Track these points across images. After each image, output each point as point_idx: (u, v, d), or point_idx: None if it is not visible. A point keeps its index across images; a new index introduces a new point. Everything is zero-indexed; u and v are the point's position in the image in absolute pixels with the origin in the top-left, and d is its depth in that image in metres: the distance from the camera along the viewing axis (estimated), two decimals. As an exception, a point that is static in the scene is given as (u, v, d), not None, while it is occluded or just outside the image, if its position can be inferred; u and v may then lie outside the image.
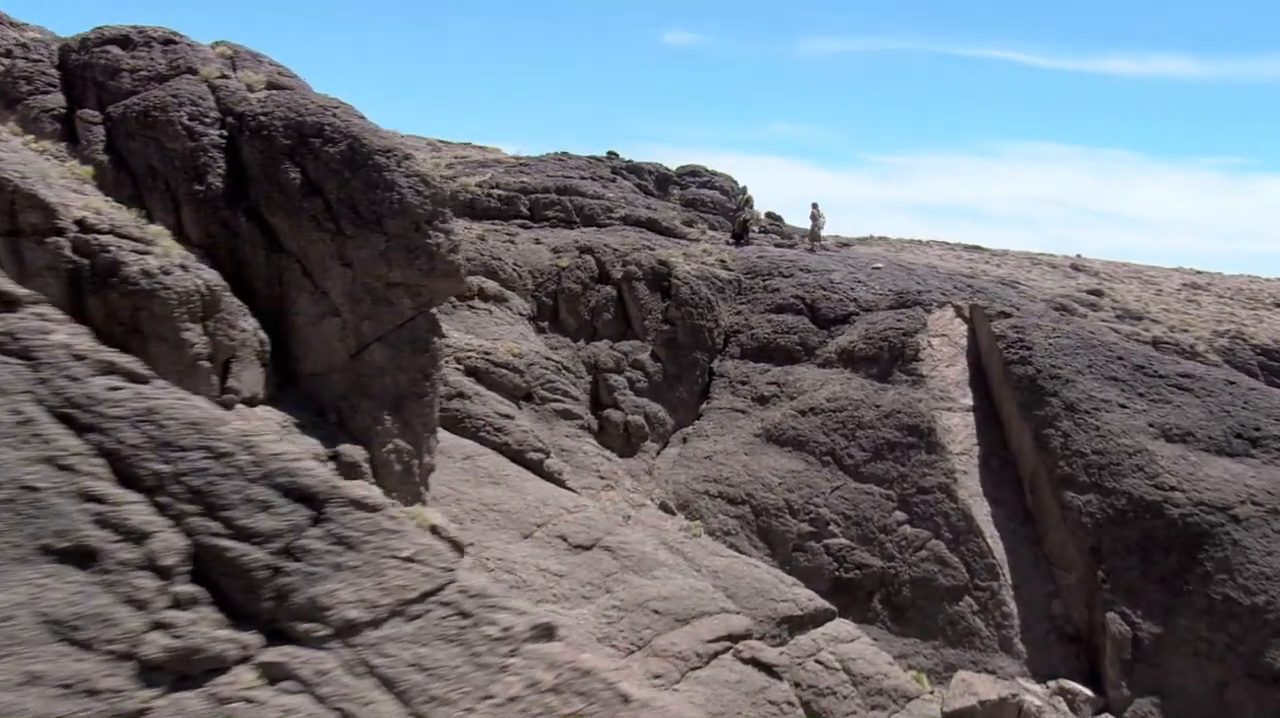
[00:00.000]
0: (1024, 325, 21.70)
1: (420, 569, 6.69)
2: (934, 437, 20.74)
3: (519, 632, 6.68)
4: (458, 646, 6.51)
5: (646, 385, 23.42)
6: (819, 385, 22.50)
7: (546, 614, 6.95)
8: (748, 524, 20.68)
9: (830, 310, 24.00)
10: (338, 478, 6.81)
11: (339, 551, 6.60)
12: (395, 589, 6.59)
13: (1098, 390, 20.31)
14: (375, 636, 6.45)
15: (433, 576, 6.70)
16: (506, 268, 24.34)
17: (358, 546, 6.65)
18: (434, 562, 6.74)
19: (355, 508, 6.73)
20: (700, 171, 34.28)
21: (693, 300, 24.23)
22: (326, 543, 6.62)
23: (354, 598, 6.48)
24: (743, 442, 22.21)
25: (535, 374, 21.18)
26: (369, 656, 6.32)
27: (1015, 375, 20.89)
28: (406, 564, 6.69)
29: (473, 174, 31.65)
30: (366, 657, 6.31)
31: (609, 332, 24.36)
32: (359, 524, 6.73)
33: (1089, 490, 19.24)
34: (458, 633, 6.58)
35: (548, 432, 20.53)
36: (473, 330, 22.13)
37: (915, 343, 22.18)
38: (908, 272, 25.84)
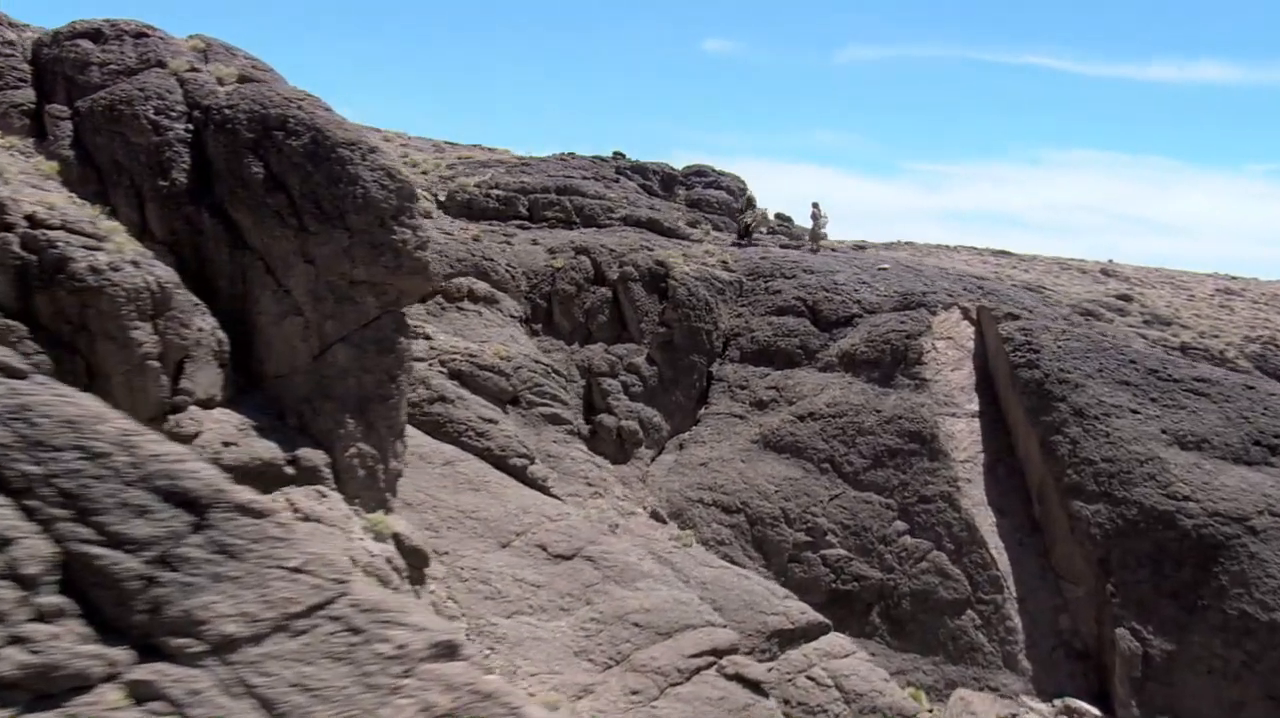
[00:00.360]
0: (1032, 328, 21.02)
1: (308, 581, 6.23)
2: (936, 443, 20.10)
3: (415, 650, 6.20)
4: (346, 664, 6.04)
5: (641, 390, 22.92)
6: (819, 390, 21.91)
7: (449, 631, 6.47)
8: (742, 534, 20.12)
9: (832, 312, 23.40)
10: (226, 481, 6.36)
11: (220, 560, 6.15)
12: (279, 602, 6.13)
13: (1108, 395, 19.59)
14: (255, 653, 5.98)
15: (322, 588, 6.24)
16: (499, 269, 23.94)
17: (241, 554, 6.20)
18: (324, 573, 6.28)
19: (241, 514, 6.28)
20: (706, 171, 33.73)
21: (690, 302, 23.72)
22: (207, 551, 6.17)
23: (234, 611, 6.03)
24: (739, 448, 21.66)
25: (523, 378, 20.75)
26: (247, 674, 5.86)
27: (1022, 380, 20.22)
28: (293, 575, 6.23)
29: (473, 174, 31.33)
30: (245, 676, 5.85)
31: (604, 334, 23.90)
32: (244, 531, 6.28)
33: (1098, 500, 18.52)
34: (347, 651, 6.11)
35: (534, 437, 20.08)
36: (461, 333, 21.74)
37: (918, 346, 21.54)
38: (915, 273, 25.20)
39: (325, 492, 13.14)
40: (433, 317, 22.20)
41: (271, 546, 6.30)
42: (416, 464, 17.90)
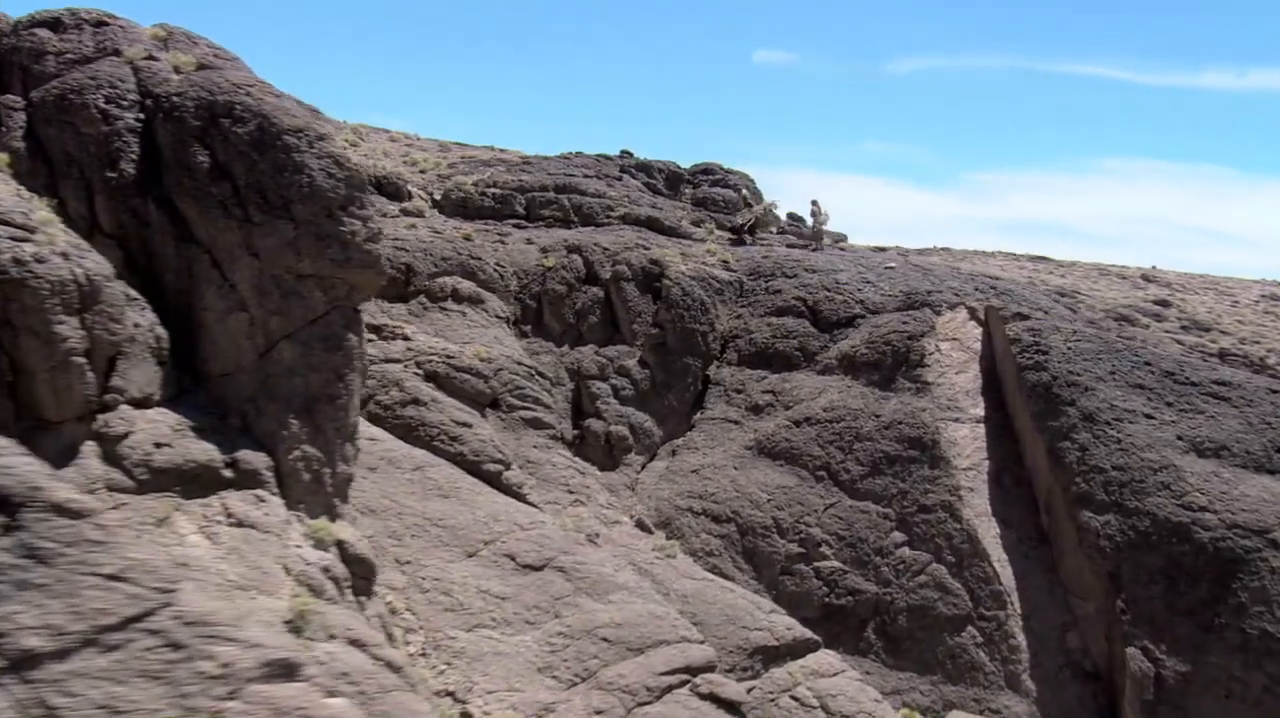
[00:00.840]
0: (1041, 328, 20.12)
1: (126, 590, 5.66)
2: (938, 450, 19.27)
3: (243, 669, 5.59)
4: (162, 684, 5.45)
5: (632, 394, 22.29)
6: (816, 394, 21.16)
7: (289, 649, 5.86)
8: (732, 545, 19.40)
9: (833, 313, 22.62)
10: (46, 478, 5.79)
11: (28, 565, 5.59)
12: (91, 613, 5.56)
13: (1121, 399, 18.66)
14: (60, 669, 5.42)
15: (141, 598, 5.66)
16: (487, 268, 23.42)
17: (51, 559, 5.63)
18: (145, 581, 5.70)
19: (55, 514, 5.71)
20: (714, 169, 33.05)
21: (684, 302, 23.05)
22: (14, 556, 5.62)
23: (38, 623, 5.46)
24: (733, 455, 20.95)
25: (503, 380, 20.18)
26: (48, 694, 5.30)
27: (1029, 382, 19.34)
28: (109, 583, 5.66)
29: (472, 173, 30.91)
30: (45, 695, 5.29)
31: (595, 336, 23.30)
32: (57, 534, 5.71)
33: (1108, 510, 17.61)
34: (164, 669, 5.52)
35: (514, 442, 19.50)
36: (442, 333, 21.24)
37: (921, 347, 20.72)
38: (923, 272, 24.35)
39: (265, 496, 12.60)
40: (415, 317, 21.74)
41: (86, 550, 5.73)
42: (385, 469, 17.40)
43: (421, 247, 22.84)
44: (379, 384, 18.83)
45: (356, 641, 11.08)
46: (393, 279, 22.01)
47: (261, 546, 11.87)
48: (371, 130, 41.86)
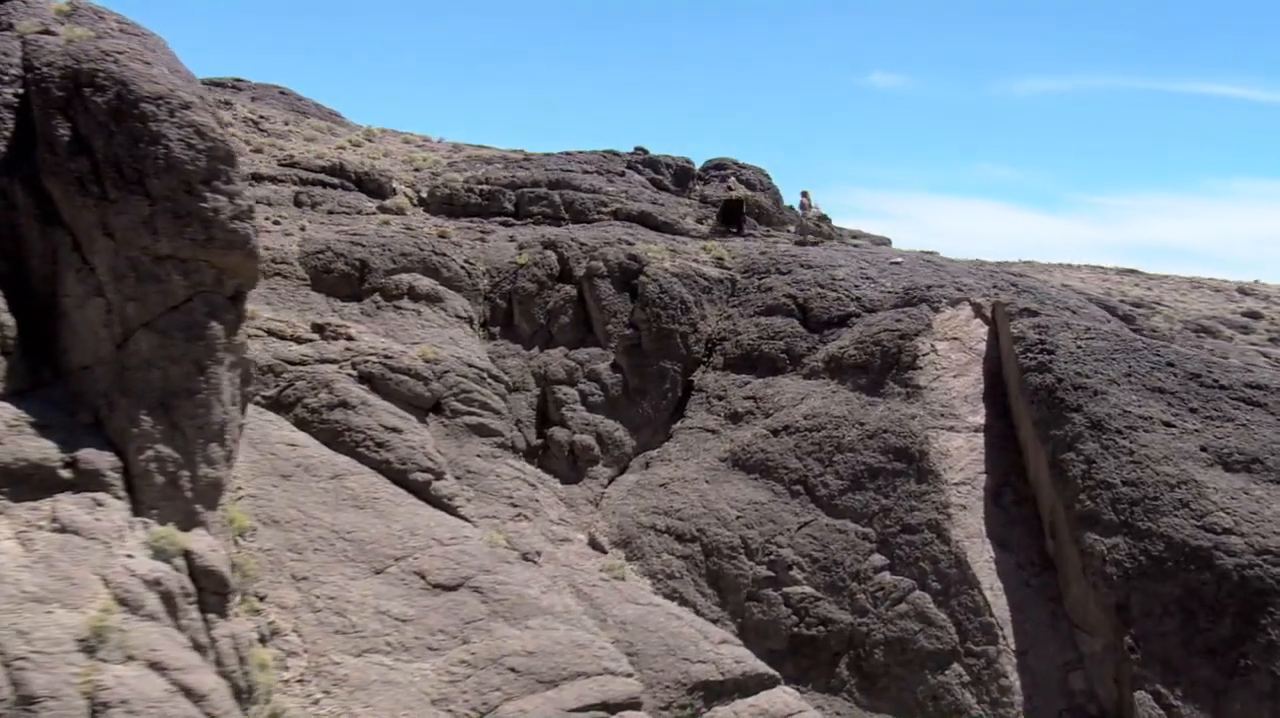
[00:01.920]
0: (1049, 324, 18.32)
1: None
2: (926, 462, 17.59)
3: None
4: None
5: (602, 400, 21.05)
6: (799, 400, 19.64)
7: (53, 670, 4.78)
8: (695, 567, 17.97)
9: (824, 311, 21.08)
10: None
11: None
12: None
13: (1136, 404, 16.78)
14: None
15: None
16: (451, 265, 22.47)
17: None
18: None
19: None
20: (727, 164, 31.71)
21: (661, 301, 21.75)
22: None
23: None
24: (705, 467, 19.55)
25: (449, 383, 19.13)
26: None
27: (1031, 385, 17.58)
28: None
29: (467, 170, 30.15)
30: None
31: (566, 337, 22.15)
32: None
33: (1116, 532, 15.75)
34: None
35: (455, 449, 18.42)
36: (393, 333, 20.32)
37: (913, 348, 19.06)
38: (934, 267, 22.64)
39: (104, 500, 11.69)
40: (367, 316, 20.89)
41: None
42: (299, 477, 16.48)
43: (379, 243, 22.02)
44: (308, 386, 17.96)
45: (158, 664, 10.07)
46: (346, 276, 21.26)
47: (80, 554, 10.96)
48: (385, 133, 41.59)
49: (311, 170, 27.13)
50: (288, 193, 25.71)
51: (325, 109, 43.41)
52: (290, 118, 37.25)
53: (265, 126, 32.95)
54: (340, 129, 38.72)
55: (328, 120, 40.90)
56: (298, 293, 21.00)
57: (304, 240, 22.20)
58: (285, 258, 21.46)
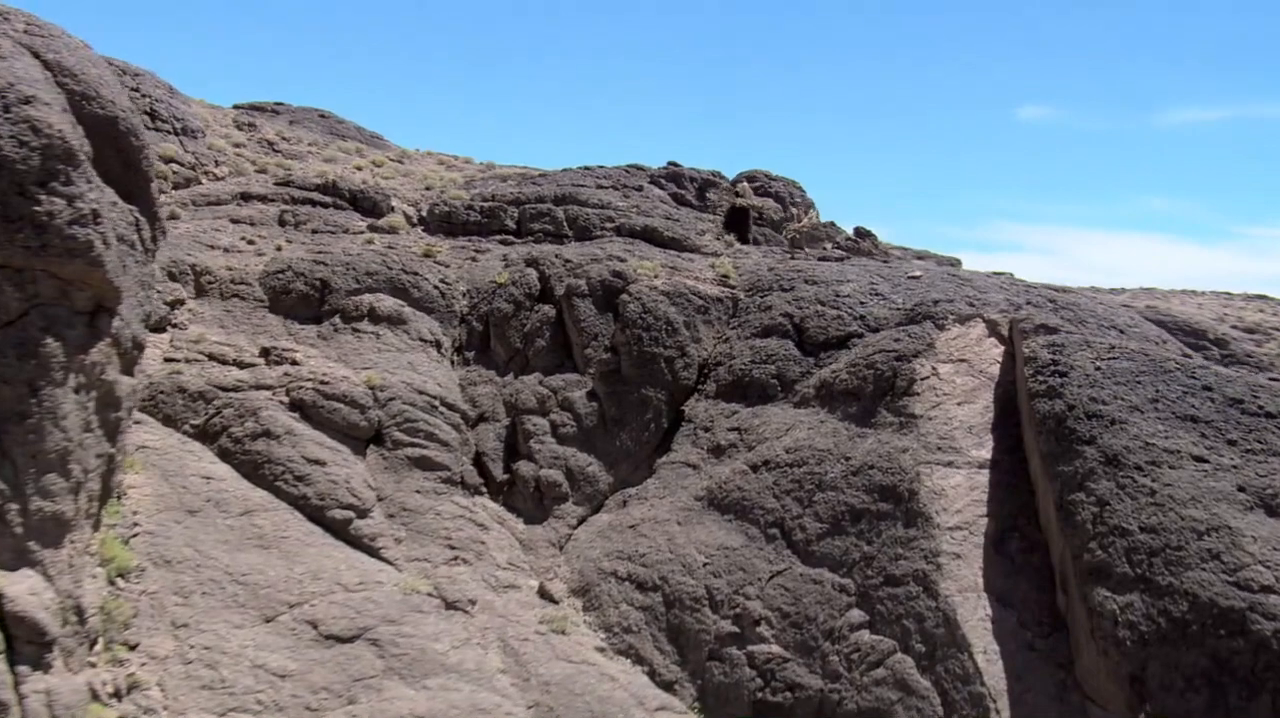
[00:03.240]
0: (1065, 343, 16.34)
1: None
2: (915, 503, 15.79)
3: None
4: None
5: (574, 432, 19.80)
6: (783, 431, 18.05)
7: None
8: (655, 619, 16.48)
9: (821, 332, 19.44)
10: None
11: None
12: None
13: (1161, 435, 14.69)
14: None
15: None
16: (423, 285, 21.62)
17: None
18: None
19: None
20: (756, 177, 30.28)
21: (643, 322, 20.42)
22: None
23: None
24: (679, 507, 18.08)
25: (392, 411, 18.16)
26: None
27: (1039, 414, 15.65)
28: None
29: (475, 188, 29.46)
30: None
31: (542, 362, 21.01)
32: None
33: (1131, 588, 13.70)
34: None
35: (392, 484, 17.40)
36: (345, 358, 19.51)
37: (910, 371, 17.28)
38: (959, 282, 20.75)
39: None
40: (323, 339, 20.15)
41: None
42: (206, 513, 15.67)
43: (344, 262, 21.32)
44: (235, 414, 17.22)
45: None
46: (305, 297, 20.61)
47: None
48: (423, 154, 41.49)
49: (305, 189, 26.78)
50: (273, 212, 25.36)
51: (367, 132, 43.65)
52: (322, 139, 37.34)
53: (283, 148, 32.96)
54: (372, 150, 38.70)
55: (366, 143, 40.99)
56: (254, 315, 20.42)
57: (271, 260, 21.68)
58: (245, 278, 20.93)
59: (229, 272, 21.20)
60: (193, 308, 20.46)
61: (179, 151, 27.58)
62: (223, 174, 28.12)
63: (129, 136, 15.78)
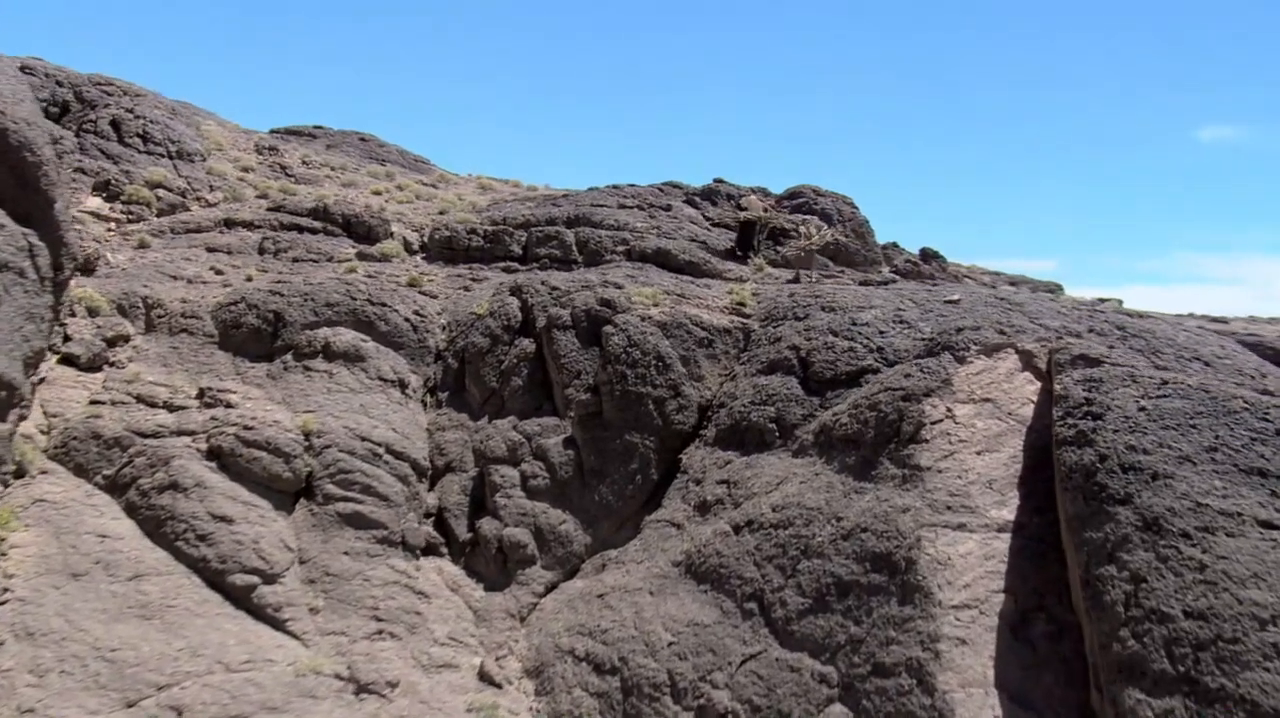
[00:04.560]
0: (1104, 378, 14.04)
1: None
2: (913, 575, 13.67)
3: None
4: None
5: (546, 484, 18.23)
6: (773, 486, 16.13)
7: None
8: (611, 708, 14.70)
9: (829, 367, 17.47)
10: None
11: None
12: None
13: (1217, 493, 12.30)
14: None
15: None
16: (392, 318, 20.43)
17: None
18: None
19: None
20: (802, 193, 28.38)
21: (628, 357, 18.76)
22: None
23: None
24: (656, 574, 16.31)
25: (326, 461, 16.88)
26: None
27: (1066, 465, 13.40)
28: None
29: (493, 210, 28.37)
30: None
31: (519, 404, 19.55)
32: None
33: (1172, 690, 11.35)
34: None
35: (317, 544, 16.08)
36: (289, 400, 18.39)
37: (918, 413, 15.17)
38: (1005, 307, 18.48)
39: None
40: (271, 378, 19.10)
41: None
42: (92, 576, 14.60)
43: (302, 292, 20.29)
44: (147, 464, 16.20)
45: None
46: (256, 331, 19.64)
47: None
48: (463, 178, 40.89)
49: (296, 214, 26.05)
50: (256, 239, 24.64)
51: (411, 155, 43.32)
52: (353, 163, 36.96)
53: (299, 172, 32.52)
54: (411, 174, 38.19)
55: (410, 167, 40.62)
56: (202, 351, 19.52)
57: (230, 292, 20.82)
58: (196, 312, 20.08)
59: (182, 304, 20.39)
60: (138, 344, 19.66)
61: (169, 176, 27.19)
62: (216, 200, 27.64)
63: (22, 151, 15.04)
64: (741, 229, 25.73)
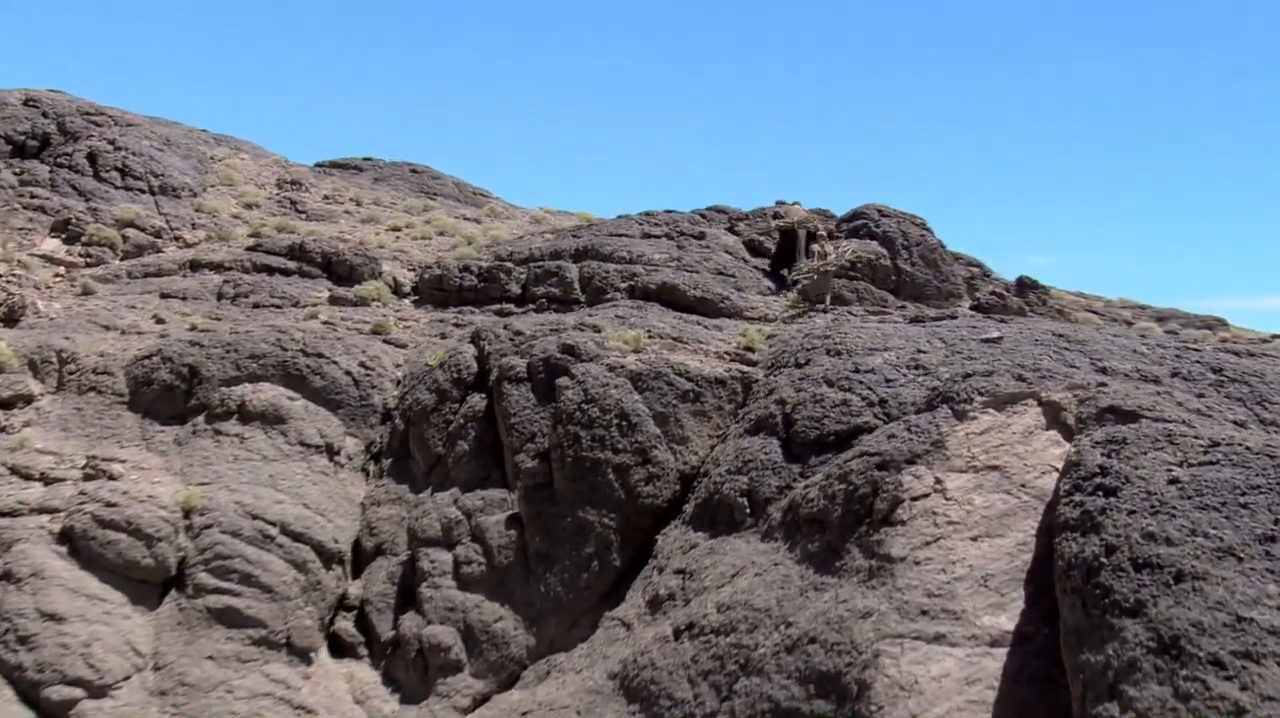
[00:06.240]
0: (1130, 438, 11.39)
1: None
2: (865, 705, 11.20)
3: None
4: None
5: (482, 571, 16.41)
6: (727, 578, 13.91)
7: None
8: None
9: (814, 426, 15.12)
10: None
11: None
12: None
13: (1270, 606, 9.58)
14: None
15: None
16: (330, 372, 19.05)
17: None
18: None
19: None
20: (865, 214, 25.94)
21: (583, 415, 16.81)
22: None
23: None
24: (589, 688, 14.24)
25: (204, 544, 15.46)
26: None
27: (1064, 559, 10.84)
28: None
29: (499, 246, 26.96)
30: None
31: (465, 472, 17.83)
32: None
33: None
34: None
35: (179, 646, 14.61)
36: (186, 470, 17.11)
37: (894, 486, 12.71)
38: (1062, 345, 15.82)
39: None
40: (178, 444, 17.92)
41: None
42: (-110, 687, 13.44)
43: (225, 342, 19.11)
44: (-7, 548, 15.07)
45: None
46: (169, 389, 18.60)
47: None
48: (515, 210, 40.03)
49: (274, 253, 25.14)
50: (218, 282, 23.76)
51: (468, 188, 42.90)
52: (391, 197, 36.39)
53: (312, 207, 31.87)
54: (454, 206, 37.47)
55: (467, 199, 40.05)
56: (109, 413, 18.50)
57: (150, 345, 19.83)
58: (109, 368, 19.11)
59: (99, 359, 19.47)
60: (42, 405, 18.77)
61: (143, 214, 26.72)
62: (197, 239, 27.00)
63: None
64: (781, 241, 23.64)
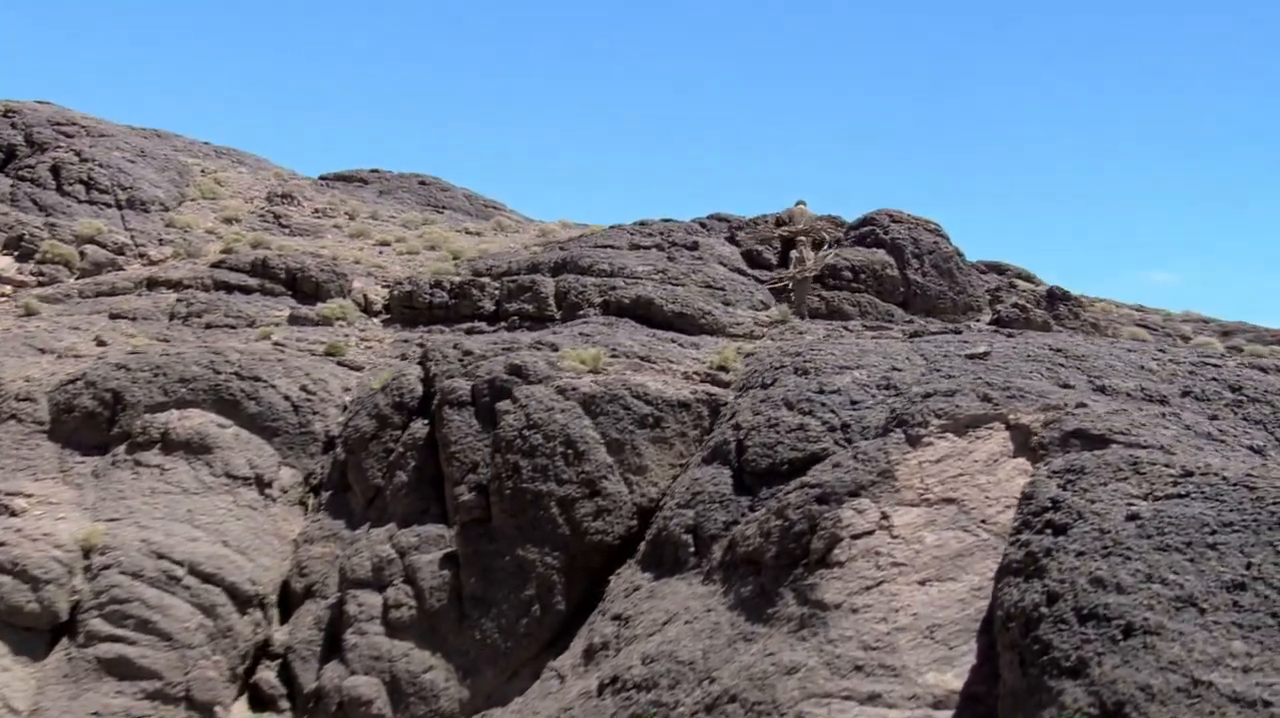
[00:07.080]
0: (1092, 467, 10.30)
1: None
2: (781, 778, 10.24)
3: None
4: None
5: (412, 616, 15.61)
6: (659, 625, 12.98)
7: None
8: None
9: (766, 454, 14.11)
10: None
11: None
12: None
13: (1233, 667, 8.44)
14: None
15: None
16: (266, 396, 18.40)
17: None
18: None
19: None
20: (877, 220, 24.88)
21: (524, 443, 15.96)
22: None
23: None
24: (511, 748, 13.39)
25: (100, 587, 14.82)
26: None
27: (1004, 610, 9.79)
28: None
29: (479, 259, 26.30)
30: None
31: (404, 507, 17.06)
32: None
33: None
34: None
35: (63, 702, 13.94)
36: (99, 505, 16.53)
37: (832, 523, 11.70)
38: (1058, 361, 14.71)
39: None
40: (95, 477, 17.35)
41: None
42: None
43: (153, 364, 18.55)
44: (-128, 591, 14.55)
45: None
46: (91, 416, 18.05)
47: None
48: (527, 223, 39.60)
49: (237, 270, 24.68)
50: (172, 301, 23.31)
51: (479, 200, 42.76)
52: (392, 210, 36.06)
53: (296, 221, 31.46)
54: (460, 220, 37.08)
55: (477, 212, 39.81)
56: (27, 442, 18.01)
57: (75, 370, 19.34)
58: (33, 394, 18.63)
59: (25, 384, 19.00)
60: (-40, 435, 18.33)
61: (105, 230, 26.39)
62: (163, 255, 26.61)
63: None
64: (784, 250, 22.80)
